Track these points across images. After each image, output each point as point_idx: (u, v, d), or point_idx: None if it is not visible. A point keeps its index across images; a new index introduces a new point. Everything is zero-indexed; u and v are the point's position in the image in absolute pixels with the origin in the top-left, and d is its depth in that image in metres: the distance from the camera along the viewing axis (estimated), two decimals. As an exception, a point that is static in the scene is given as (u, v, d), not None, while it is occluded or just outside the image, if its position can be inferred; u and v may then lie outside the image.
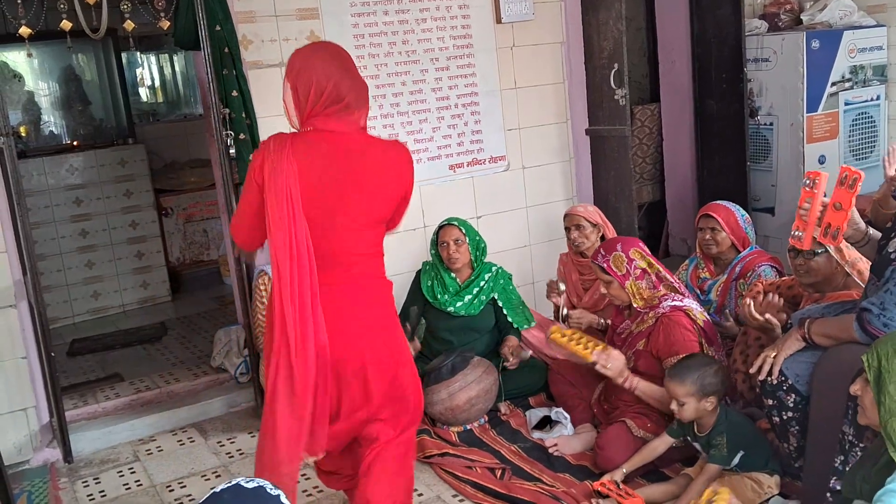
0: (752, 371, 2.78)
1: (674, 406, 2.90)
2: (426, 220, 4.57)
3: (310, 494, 3.28)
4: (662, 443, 3.07)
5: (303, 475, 3.42)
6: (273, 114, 4.08)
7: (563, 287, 3.95)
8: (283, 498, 1.61)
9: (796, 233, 2.58)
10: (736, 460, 2.88)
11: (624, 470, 3.02)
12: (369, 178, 2.43)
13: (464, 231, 3.94)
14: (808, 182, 2.57)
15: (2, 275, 3.62)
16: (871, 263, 2.65)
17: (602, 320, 3.88)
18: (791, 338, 2.72)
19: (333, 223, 2.41)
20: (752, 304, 3.06)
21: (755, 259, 3.72)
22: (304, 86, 2.39)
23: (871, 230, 2.66)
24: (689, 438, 3.02)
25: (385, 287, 2.59)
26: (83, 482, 3.59)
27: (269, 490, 1.60)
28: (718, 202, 3.88)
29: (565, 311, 3.89)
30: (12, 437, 3.68)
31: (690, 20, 5.44)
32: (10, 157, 3.51)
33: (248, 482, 1.61)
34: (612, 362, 3.20)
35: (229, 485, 1.61)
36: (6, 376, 3.66)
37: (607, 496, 2.93)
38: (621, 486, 2.95)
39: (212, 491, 1.60)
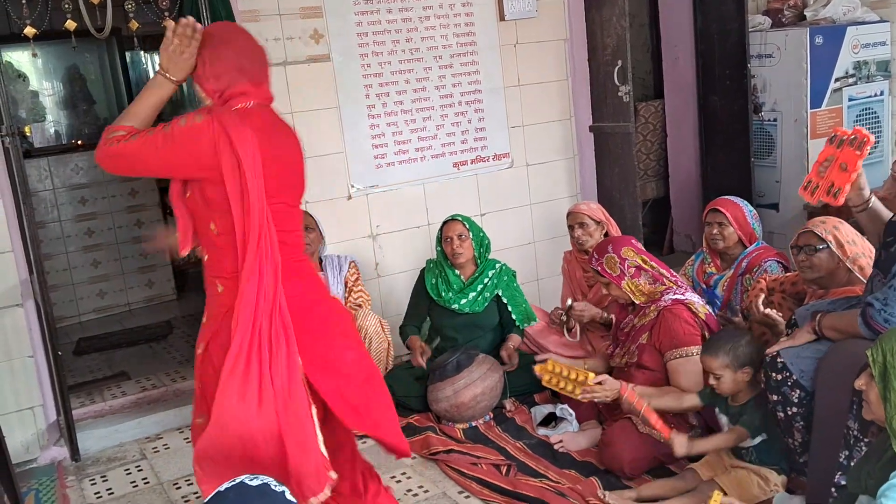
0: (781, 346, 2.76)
1: (711, 381, 2.90)
2: (430, 218, 4.58)
3: (316, 491, 3.29)
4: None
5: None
6: (277, 112, 4.09)
7: (570, 301, 3.93)
8: (287, 495, 1.61)
9: (807, 185, 2.52)
10: (757, 440, 2.88)
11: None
12: (294, 152, 2.40)
13: (467, 226, 3.95)
14: (833, 138, 2.50)
15: (8, 274, 3.63)
16: (873, 256, 2.65)
17: (606, 314, 3.89)
18: (803, 330, 2.73)
19: (281, 201, 2.33)
20: (762, 296, 3.07)
21: (762, 254, 3.72)
22: (211, 66, 2.32)
23: (875, 199, 2.63)
24: (717, 409, 3.01)
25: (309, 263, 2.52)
26: (90, 480, 3.60)
27: (273, 487, 1.60)
28: (726, 197, 3.88)
29: (569, 301, 3.90)
30: (20, 435, 3.69)
31: (694, 16, 5.44)
32: (16, 156, 3.52)
33: (252, 480, 1.61)
34: (600, 394, 3.11)
35: (233, 483, 1.61)
36: (13, 375, 3.67)
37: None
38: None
39: (216, 490, 1.60)
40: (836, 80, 5.08)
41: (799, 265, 3.15)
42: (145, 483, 3.53)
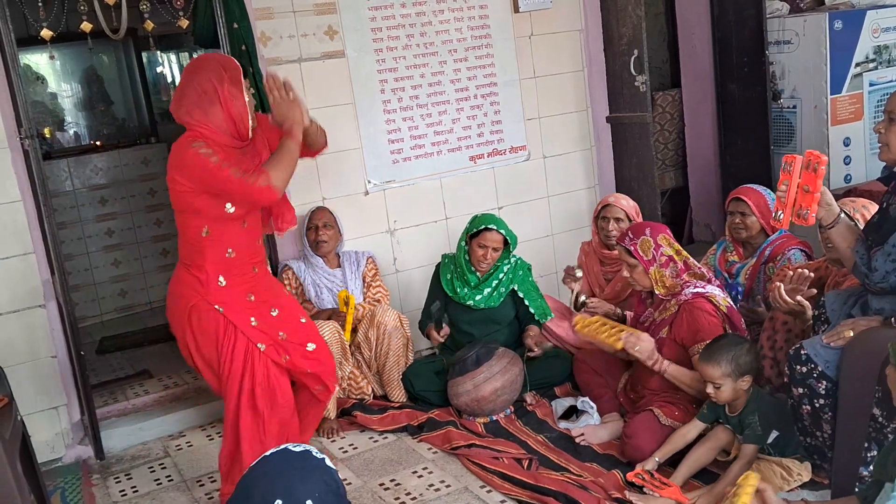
0: (826, 339, 2.73)
1: (710, 389, 2.88)
2: (447, 212, 4.57)
3: (338, 487, 3.30)
4: (693, 428, 3.05)
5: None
6: (292, 109, 4.09)
7: (579, 273, 3.92)
8: (328, 461, 1.67)
9: (777, 214, 2.69)
10: (770, 439, 2.85)
11: (657, 459, 3.01)
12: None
13: (507, 242, 3.92)
14: (785, 165, 2.66)
15: (30, 275, 3.67)
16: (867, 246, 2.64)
17: (619, 311, 3.86)
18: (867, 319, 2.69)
19: None
20: (781, 287, 3.04)
21: (784, 243, 3.68)
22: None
23: (843, 214, 2.73)
24: (720, 421, 3.00)
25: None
26: (115, 478, 3.63)
27: (314, 454, 1.66)
28: (748, 185, 3.83)
29: (583, 297, 3.88)
30: (45, 435, 3.73)
31: (710, 3, 5.38)
32: (36, 159, 3.54)
33: (295, 447, 1.68)
34: (641, 344, 3.18)
35: (278, 449, 1.68)
36: (37, 375, 3.71)
37: (642, 486, 2.91)
38: (655, 475, 2.93)
39: (262, 455, 1.68)
40: (857, 65, 5.01)
41: (825, 243, 3.12)
42: (169, 480, 3.55)
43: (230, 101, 2.79)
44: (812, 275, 3.10)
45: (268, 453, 1.67)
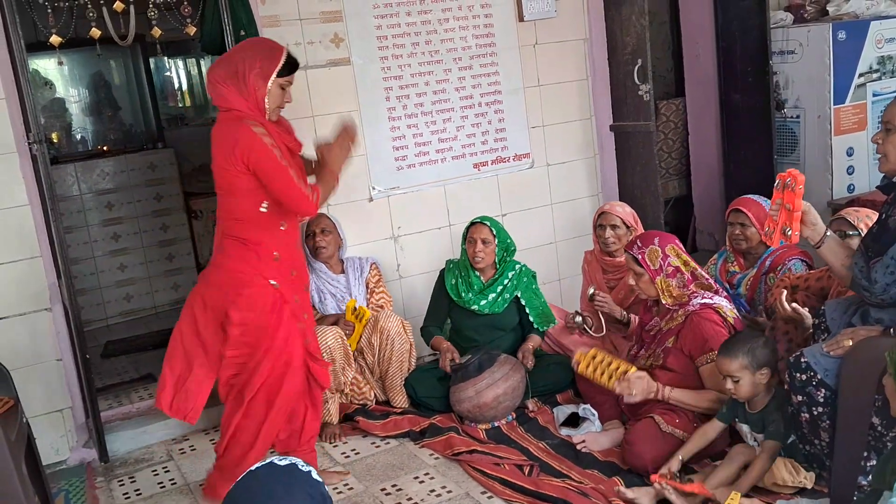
0: (825, 348, 2.74)
1: (729, 385, 2.90)
2: (451, 219, 4.59)
3: (340, 492, 3.32)
4: (713, 428, 3.05)
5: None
6: (295, 116, 4.12)
7: (578, 320, 3.92)
8: (314, 474, 1.67)
9: (767, 230, 2.76)
10: (790, 439, 2.87)
11: (680, 457, 3.00)
12: (215, 151, 2.92)
13: (494, 232, 3.94)
14: (778, 184, 2.71)
15: (36, 279, 3.69)
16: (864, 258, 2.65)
17: (625, 314, 3.87)
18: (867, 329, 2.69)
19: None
20: (784, 293, 3.05)
21: (785, 253, 3.69)
22: None
23: (830, 232, 2.77)
24: (737, 420, 3.00)
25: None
26: (119, 481, 3.65)
27: (300, 467, 1.67)
28: (748, 196, 3.85)
29: (591, 290, 3.90)
30: (49, 437, 3.76)
31: (715, 13, 5.41)
32: (43, 163, 3.57)
33: (281, 460, 1.69)
34: (635, 388, 3.17)
35: (263, 463, 1.69)
36: (43, 378, 3.73)
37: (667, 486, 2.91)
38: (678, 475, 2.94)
39: (248, 470, 1.68)
40: (860, 75, 5.03)
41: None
42: (172, 484, 3.57)
43: (251, 90, 2.88)
44: (805, 309, 3.11)
45: (253, 468, 1.68)
